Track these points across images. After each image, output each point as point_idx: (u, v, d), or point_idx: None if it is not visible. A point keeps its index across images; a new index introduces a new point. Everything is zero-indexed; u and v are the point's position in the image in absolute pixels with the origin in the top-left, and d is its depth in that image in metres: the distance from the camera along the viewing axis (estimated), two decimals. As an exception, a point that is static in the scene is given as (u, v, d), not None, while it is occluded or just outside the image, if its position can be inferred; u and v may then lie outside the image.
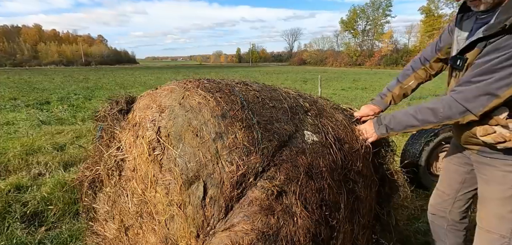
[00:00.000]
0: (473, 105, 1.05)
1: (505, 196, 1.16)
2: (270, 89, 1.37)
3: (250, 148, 1.03)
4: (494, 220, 1.20)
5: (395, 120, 1.28)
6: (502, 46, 0.98)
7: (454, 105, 1.09)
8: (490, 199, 1.22)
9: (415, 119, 1.19)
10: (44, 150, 4.19)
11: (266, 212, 0.96)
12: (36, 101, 8.82)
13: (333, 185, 1.12)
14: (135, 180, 1.19)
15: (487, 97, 1.02)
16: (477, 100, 1.04)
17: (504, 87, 0.98)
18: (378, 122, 1.33)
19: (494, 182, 1.20)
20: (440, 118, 1.13)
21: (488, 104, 1.03)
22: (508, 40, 0.97)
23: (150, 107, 1.19)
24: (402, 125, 1.25)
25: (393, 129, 1.28)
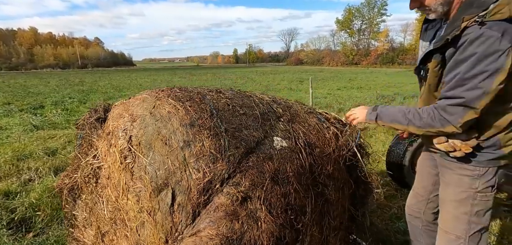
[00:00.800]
0: (452, 116, 1.05)
1: (460, 198, 1.21)
2: (243, 96, 1.40)
3: (216, 155, 1.07)
4: (451, 221, 1.25)
5: (386, 111, 1.29)
6: (463, 58, 0.99)
7: (435, 115, 1.10)
8: (448, 201, 1.26)
9: (405, 117, 1.20)
10: (35, 155, 4.20)
11: (231, 217, 1.00)
12: (30, 106, 8.80)
13: (299, 190, 1.16)
14: (110, 187, 1.23)
15: (462, 109, 1.02)
16: (456, 111, 1.04)
17: (476, 100, 0.98)
18: (373, 108, 1.35)
19: (451, 184, 1.24)
20: (423, 124, 1.13)
21: (465, 115, 1.02)
22: (464, 52, 0.98)
23: (123, 116, 1.22)
24: (389, 118, 1.26)
25: (382, 118, 1.29)
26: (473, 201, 1.18)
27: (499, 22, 0.94)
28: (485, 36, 0.94)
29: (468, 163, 1.16)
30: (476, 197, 1.18)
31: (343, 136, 1.44)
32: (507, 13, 0.93)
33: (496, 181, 1.17)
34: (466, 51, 0.98)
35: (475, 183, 1.17)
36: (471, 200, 1.19)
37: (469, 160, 1.15)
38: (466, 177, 1.18)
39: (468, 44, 0.97)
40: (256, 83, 17.43)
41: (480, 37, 0.95)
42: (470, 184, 1.18)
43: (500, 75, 0.95)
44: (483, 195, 1.17)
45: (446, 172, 1.26)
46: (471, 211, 1.20)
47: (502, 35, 0.93)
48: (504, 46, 0.93)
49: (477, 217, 1.20)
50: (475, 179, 1.16)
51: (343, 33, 59.61)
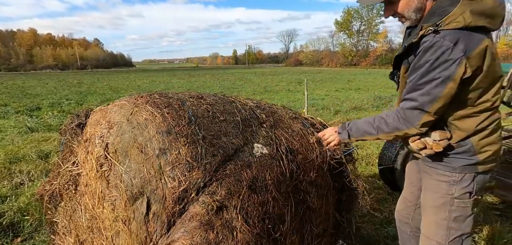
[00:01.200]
0: (411, 120, 1.11)
1: (438, 204, 1.21)
2: (225, 102, 1.39)
3: (192, 163, 1.05)
4: (431, 227, 1.24)
5: (355, 126, 1.32)
6: (418, 65, 1.04)
7: (399, 118, 1.15)
8: (428, 207, 1.26)
9: (372, 127, 1.25)
10: (28, 158, 4.18)
11: (206, 227, 0.98)
12: (26, 107, 8.78)
13: (278, 198, 1.14)
14: (87, 195, 1.21)
15: (418, 112, 1.08)
16: (413, 114, 1.10)
17: (428, 104, 1.04)
18: (342, 127, 1.38)
19: (429, 190, 1.24)
20: (390, 128, 1.18)
21: (421, 117, 1.08)
22: (420, 60, 1.03)
23: (100, 123, 1.21)
24: (360, 132, 1.30)
25: (353, 135, 1.33)
26: (451, 207, 1.19)
27: (454, 31, 0.97)
28: (437, 45, 0.98)
29: (445, 169, 1.17)
30: (453, 203, 1.18)
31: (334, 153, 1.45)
32: (462, 22, 0.96)
33: (475, 188, 1.16)
34: (421, 59, 1.03)
35: (452, 189, 1.17)
36: (448, 206, 1.19)
37: (446, 165, 1.16)
38: (443, 183, 1.18)
39: (423, 52, 1.02)
40: (255, 84, 17.42)
41: (433, 46, 0.99)
42: (446, 190, 1.18)
43: (451, 83, 0.99)
44: (460, 201, 1.17)
45: (425, 177, 1.27)
46: (449, 216, 1.20)
47: (454, 44, 0.96)
48: (455, 55, 0.96)
49: (456, 223, 1.20)
50: (452, 185, 1.17)
51: (342, 34, 59.73)
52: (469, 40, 0.97)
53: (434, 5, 1.07)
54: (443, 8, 1.02)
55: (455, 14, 0.97)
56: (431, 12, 1.06)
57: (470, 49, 0.97)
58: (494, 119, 1.10)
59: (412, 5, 1.09)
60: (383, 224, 2.40)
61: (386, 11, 1.19)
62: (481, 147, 1.10)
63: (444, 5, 1.03)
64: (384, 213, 2.59)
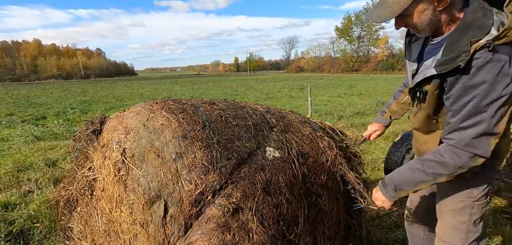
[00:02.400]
0: (480, 149, 0.99)
1: (458, 208, 1.20)
2: (236, 107, 1.42)
3: (208, 167, 1.08)
4: (448, 230, 1.24)
5: (401, 181, 1.16)
6: (473, 84, 0.95)
7: (460, 153, 1.01)
8: (445, 210, 1.25)
9: (425, 174, 1.09)
10: (35, 167, 4.22)
11: (222, 229, 1.00)
12: (32, 117, 8.88)
13: (292, 200, 1.16)
14: (104, 200, 1.24)
15: (486, 138, 0.98)
16: (481, 142, 0.98)
17: (498, 124, 0.96)
18: (383, 185, 1.23)
19: (448, 193, 1.23)
20: (452, 169, 1.04)
21: (491, 142, 0.98)
22: (474, 78, 0.95)
23: (117, 129, 1.24)
24: (410, 185, 1.15)
25: (403, 189, 1.16)
26: (472, 210, 1.18)
27: (505, 46, 0.92)
28: (495, 60, 0.92)
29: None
30: (474, 206, 1.17)
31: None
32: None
33: (491, 188, 1.17)
34: (476, 77, 0.95)
35: (474, 192, 1.16)
36: (470, 209, 1.18)
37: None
38: (464, 186, 1.17)
39: (477, 70, 0.94)
40: (257, 91, 17.50)
41: (490, 62, 0.92)
42: (468, 193, 1.17)
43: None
44: (481, 203, 1.17)
45: (445, 182, 1.25)
46: (469, 220, 1.19)
47: (510, 57, 0.92)
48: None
49: (474, 226, 1.20)
50: (474, 189, 1.15)
51: (343, 40, 60.06)
52: None
53: (466, 19, 1.00)
54: (480, 21, 0.96)
55: (506, 30, 0.91)
56: (466, 25, 0.99)
57: None
58: None
59: (425, 18, 1.03)
60: (391, 228, 2.40)
61: (397, 23, 1.10)
62: (504, 151, 1.09)
63: (478, 17, 0.97)
64: (392, 217, 2.59)
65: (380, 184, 1.25)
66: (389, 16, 1.03)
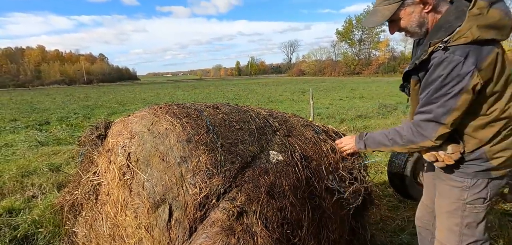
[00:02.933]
0: (425, 131, 1.12)
1: (450, 210, 1.21)
2: (239, 111, 1.43)
3: (212, 170, 1.08)
4: (444, 232, 1.25)
5: (372, 137, 1.36)
6: (431, 80, 1.07)
7: (413, 130, 1.16)
8: (441, 212, 1.27)
9: (387, 138, 1.27)
10: (39, 172, 4.24)
11: (227, 232, 1.00)
12: (35, 122, 8.94)
13: (296, 203, 1.17)
14: (109, 204, 1.24)
15: (433, 124, 1.09)
16: (427, 126, 1.11)
17: (443, 116, 1.06)
18: (360, 136, 1.41)
19: (442, 195, 1.25)
20: (405, 141, 1.19)
21: (437, 130, 1.09)
22: (431, 75, 1.06)
23: (122, 134, 1.25)
24: (375, 143, 1.34)
25: (369, 145, 1.36)
26: (463, 213, 1.19)
27: (463, 46, 1.00)
28: (448, 60, 1.01)
29: (457, 174, 1.18)
30: (465, 209, 1.18)
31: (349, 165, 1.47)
32: (470, 37, 0.99)
33: (489, 193, 1.16)
34: (433, 74, 1.06)
35: (464, 195, 1.17)
36: (460, 211, 1.19)
37: (458, 171, 1.17)
38: (455, 188, 1.19)
39: (433, 68, 1.05)
40: (259, 95, 17.54)
41: (443, 62, 1.02)
42: (458, 196, 1.19)
43: (464, 95, 1.02)
44: (473, 207, 1.17)
45: (439, 182, 1.28)
46: (461, 223, 1.20)
47: (465, 58, 0.99)
48: (467, 69, 0.99)
49: (468, 229, 1.20)
50: (464, 191, 1.17)
51: (344, 43, 60.16)
52: (479, 53, 1.00)
53: (440, 20, 1.10)
54: (449, 23, 1.05)
55: (462, 30, 1.00)
56: (438, 27, 1.09)
57: (480, 61, 0.99)
58: (507, 125, 1.10)
59: (413, 20, 1.12)
60: (396, 231, 2.38)
61: (391, 28, 1.23)
62: (493, 154, 1.11)
63: (450, 19, 1.06)
64: (396, 220, 2.57)
65: (357, 135, 1.43)
66: (381, 20, 1.15)
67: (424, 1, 1.08)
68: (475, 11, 1.00)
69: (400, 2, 1.10)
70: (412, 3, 1.09)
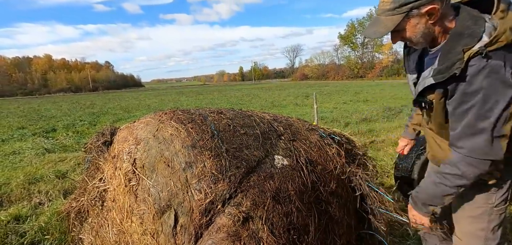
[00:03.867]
0: (493, 153, 0.99)
1: (476, 214, 1.17)
2: (244, 116, 1.43)
3: (218, 176, 1.08)
4: (466, 238, 1.21)
5: (428, 195, 1.18)
6: (471, 91, 0.97)
7: (475, 162, 1.02)
8: (462, 217, 1.23)
9: (448, 187, 1.09)
10: (46, 179, 4.28)
11: (233, 238, 1.00)
12: (42, 129, 9.06)
13: (302, 208, 1.15)
14: (115, 210, 1.25)
15: (496, 140, 0.98)
16: (493, 147, 0.99)
17: (503, 126, 0.96)
18: (414, 203, 1.25)
19: (465, 200, 1.20)
20: (472, 178, 1.04)
21: (502, 144, 0.99)
22: (471, 86, 0.97)
23: (127, 140, 1.26)
24: (439, 197, 1.15)
25: (432, 203, 1.18)
26: (490, 217, 1.15)
27: (498, 51, 0.94)
28: (489, 66, 0.94)
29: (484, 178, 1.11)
30: (493, 213, 1.14)
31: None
32: (505, 40, 0.94)
33: (510, 193, 1.14)
34: (473, 85, 0.97)
35: (492, 198, 1.13)
36: (488, 216, 1.15)
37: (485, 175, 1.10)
38: (481, 192, 1.14)
39: (472, 77, 0.96)
40: (262, 100, 17.56)
41: (484, 69, 0.94)
42: (486, 200, 1.14)
43: None
44: (499, 209, 1.14)
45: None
46: (488, 227, 1.16)
47: (505, 63, 0.94)
48: (508, 72, 0.94)
49: (493, 233, 1.16)
50: (492, 194, 1.12)
51: (347, 47, 60.11)
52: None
53: (457, 27, 1.03)
54: (470, 29, 0.98)
55: (499, 34, 0.94)
56: (457, 34, 1.01)
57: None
58: None
59: (418, 32, 1.06)
60: (403, 236, 2.34)
61: (393, 38, 1.15)
62: None
63: (468, 25, 0.99)
64: (404, 226, 2.52)
65: (410, 202, 1.26)
66: (383, 32, 1.08)
67: (430, 13, 1.02)
68: (500, 14, 0.96)
69: (405, 14, 1.03)
70: (417, 15, 1.03)
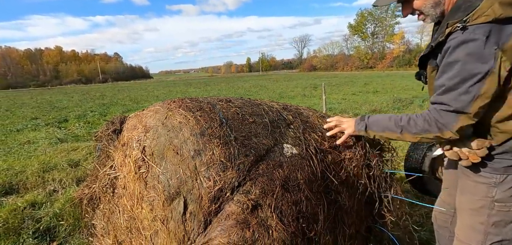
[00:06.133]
0: (444, 120, 1.02)
1: (475, 207, 1.12)
2: (252, 104, 1.41)
3: (226, 163, 1.08)
4: (466, 230, 1.17)
5: (376, 120, 1.24)
6: (448, 63, 0.97)
7: (430, 120, 1.06)
8: (463, 209, 1.19)
9: (396, 124, 1.15)
10: (59, 167, 4.41)
11: (242, 225, 1.00)
12: (55, 120, 9.30)
13: (311, 197, 1.14)
14: (125, 197, 1.27)
15: (454, 115, 0.99)
16: (448, 117, 1.01)
17: (467, 104, 0.95)
18: (362, 118, 1.30)
19: (466, 191, 1.17)
20: (418, 129, 1.09)
21: (458, 120, 0.99)
22: (449, 57, 0.97)
23: (137, 128, 1.27)
24: (380, 127, 1.21)
25: (371, 128, 1.24)
26: (490, 211, 1.10)
27: (484, 25, 0.91)
28: (468, 40, 0.92)
29: (484, 170, 1.08)
30: (493, 207, 1.09)
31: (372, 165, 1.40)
32: (491, 15, 0.90)
33: None
34: (451, 57, 0.97)
35: (492, 191, 1.08)
36: (488, 209, 1.10)
37: (485, 166, 1.08)
38: (481, 184, 1.10)
39: (452, 50, 0.96)
40: (270, 91, 17.47)
41: (462, 43, 0.93)
42: (486, 192, 1.09)
43: (490, 78, 0.92)
44: (502, 204, 1.07)
45: (462, 178, 1.19)
46: (487, 221, 1.11)
47: (487, 37, 0.90)
48: (490, 50, 0.90)
49: (495, 228, 1.11)
50: (492, 187, 1.08)
51: (356, 37, 58.81)
52: (502, 32, 0.90)
53: (458, 1, 1.01)
54: (469, 2, 0.96)
55: (483, 8, 0.91)
56: (456, 7, 1.00)
57: (504, 42, 0.90)
58: None
59: (428, 1, 1.05)
60: (414, 228, 2.31)
61: (404, 10, 1.14)
62: None
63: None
64: (414, 217, 2.50)
65: (360, 116, 1.32)
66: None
67: None
68: None
69: None
70: None
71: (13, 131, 7.79)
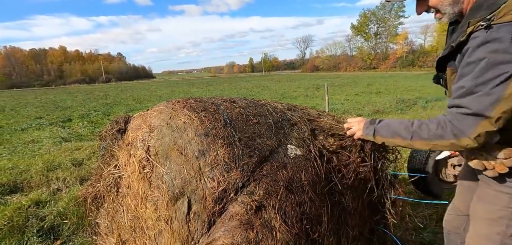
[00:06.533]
0: (462, 126, 0.94)
1: (494, 217, 1.08)
2: (256, 105, 1.41)
3: (230, 164, 1.08)
4: (480, 240, 1.13)
5: (386, 124, 1.17)
6: (469, 62, 0.91)
7: (446, 123, 0.98)
8: (479, 218, 1.15)
9: (407, 130, 1.08)
10: (63, 166, 4.44)
11: (246, 226, 1.00)
12: (59, 119, 9.38)
13: (315, 198, 1.14)
14: (129, 196, 1.27)
15: (473, 119, 0.91)
16: (466, 122, 0.93)
17: (489, 107, 0.88)
18: (371, 122, 1.24)
19: (485, 200, 1.12)
20: (431, 135, 1.01)
21: (477, 125, 0.91)
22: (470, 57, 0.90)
23: (141, 127, 1.27)
24: (390, 132, 1.14)
25: (380, 133, 1.18)
26: (509, 221, 1.05)
27: (509, 24, 0.85)
28: (491, 40, 0.86)
29: (510, 180, 1.03)
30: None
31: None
32: None
33: None
34: (471, 57, 0.90)
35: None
36: (507, 220, 1.06)
37: (511, 176, 1.02)
38: (504, 194, 1.05)
39: (473, 50, 0.90)
40: (272, 91, 17.47)
41: (487, 42, 0.86)
42: (507, 203, 1.05)
43: None
44: None
45: (482, 186, 1.14)
46: (505, 232, 1.07)
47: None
48: None
49: (511, 240, 1.08)
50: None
51: (359, 38, 58.59)
52: None
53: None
54: (492, 0, 0.90)
55: (509, 6, 0.85)
56: (478, 5, 0.94)
57: None
58: None
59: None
60: (416, 229, 2.30)
61: (418, 7, 1.08)
62: None
63: None
64: (417, 218, 2.48)
65: (369, 119, 1.27)
66: None
67: None
68: None
69: None
70: None
71: (18, 130, 7.87)
